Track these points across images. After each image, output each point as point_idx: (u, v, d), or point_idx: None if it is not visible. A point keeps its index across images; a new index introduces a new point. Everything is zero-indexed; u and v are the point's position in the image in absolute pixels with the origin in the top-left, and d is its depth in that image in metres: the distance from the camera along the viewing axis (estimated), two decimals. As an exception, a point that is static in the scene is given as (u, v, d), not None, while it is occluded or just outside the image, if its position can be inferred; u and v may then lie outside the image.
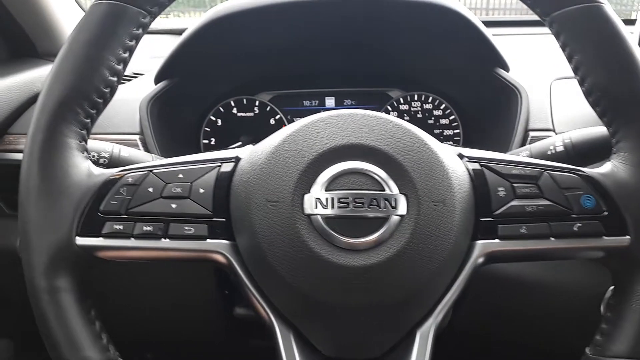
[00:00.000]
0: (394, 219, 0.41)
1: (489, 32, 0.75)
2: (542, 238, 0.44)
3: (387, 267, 0.40)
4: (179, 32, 0.97)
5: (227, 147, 0.88)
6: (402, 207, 0.41)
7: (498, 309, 0.74)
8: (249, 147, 0.47)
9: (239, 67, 0.84)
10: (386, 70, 0.90)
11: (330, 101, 0.92)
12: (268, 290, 0.43)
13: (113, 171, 0.45)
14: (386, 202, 0.41)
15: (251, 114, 0.89)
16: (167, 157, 0.70)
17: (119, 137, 0.72)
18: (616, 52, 0.44)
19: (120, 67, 0.45)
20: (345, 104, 0.92)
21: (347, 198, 0.41)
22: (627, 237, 0.43)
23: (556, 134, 0.73)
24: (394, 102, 0.90)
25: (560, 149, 0.58)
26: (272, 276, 0.42)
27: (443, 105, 0.89)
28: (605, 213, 0.43)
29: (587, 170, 0.45)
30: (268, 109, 0.89)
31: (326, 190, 0.41)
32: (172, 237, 0.43)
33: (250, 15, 0.71)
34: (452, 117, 0.89)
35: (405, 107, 0.90)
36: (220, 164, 0.45)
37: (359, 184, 0.41)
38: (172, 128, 0.80)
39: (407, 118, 0.90)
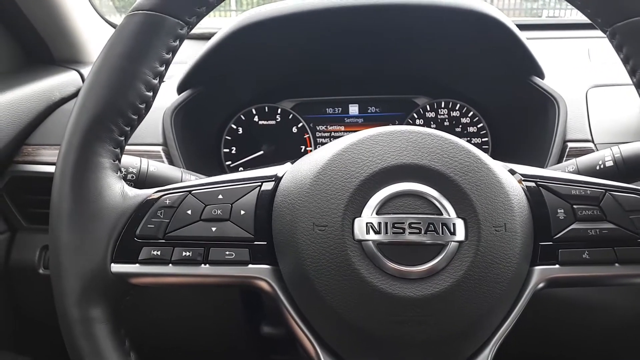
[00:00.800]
0: (452, 245, 0.38)
1: (525, 38, 0.72)
2: (606, 264, 0.41)
3: (444, 299, 0.37)
4: (203, 37, 0.95)
5: (248, 156, 0.85)
6: (461, 233, 0.38)
7: (553, 330, 0.71)
8: (288, 164, 0.45)
9: (262, 74, 0.82)
10: (412, 77, 0.87)
11: (354, 109, 0.89)
12: (313, 319, 0.40)
13: (149, 192, 0.42)
14: (444, 227, 0.38)
15: (273, 122, 0.87)
16: (190, 168, 0.67)
17: (141, 149, 0.69)
18: None
19: (156, 81, 0.42)
20: (369, 111, 0.89)
21: (403, 223, 0.38)
22: None
23: (595, 144, 0.70)
24: (420, 110, 0.87)
25: (609, 163, 0.55)
26: (319, 305, 0.39)
27: (471, 113, 0.87)
28: None
29: None
30: (290, 116, 0.87)
31: (377, 214, 0.39)
32: (212, 263, 0.40)
33: (276, 22, 0.69)
34: (480, 124, 0.87)
35: (432, 114, 0.87)
36: (260, 183, 0.43)
37: (414, 208, 0.39)
38: (193, 138, 0.78)
39: (433, 126, 0.87)
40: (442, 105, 0.87)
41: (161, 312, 0.78)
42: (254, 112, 0.86)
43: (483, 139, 0.87)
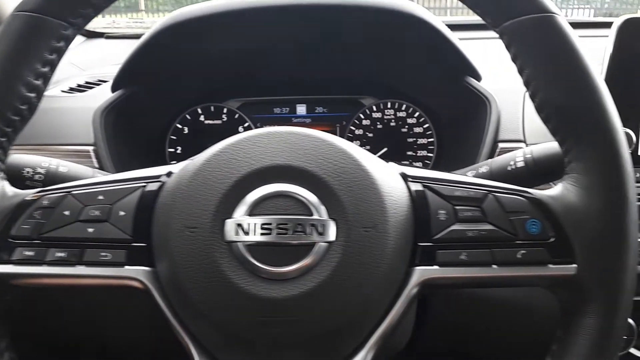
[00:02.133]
0: (322, 246, 0.38)
1: (457, 39, 0.72)
2: (483, 265, 0.41)
3: (310, 299, 0.38)
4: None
5: (194, 156, 0.85)
6: (331, 233, 0.38)
7: (463, 327, 0.71)
8: (180, 164, 0.45)
9: (204, 74, 0.82)
10: (358, 78, 0.87)
11: (301, 109, 0.89)
12: (188, 321, 0.40)
13: (29, 192, 0.42)
14: (313, 228, 0.38)
15: (219, 122, 0.87)
16: (126, 169, 0.67)
17: (71, 148, 0.70)
18: (568, 67, 0.41)
19: (39, 82, 0.43)
20: (316, 111, 0.89)
21: (270, 224, 0.38)
22: (574, 265, 0.40)
23: (526, 144, 0.70)
24: (367, 110, 0.87)
25: (520, 164, 0.54)
26: (191, 308, 0.39)
27: (417, 114, 0.86)
28: (552, 239, 0.40)
29: (536, 192, 0.42)
30: (236, 116, 0.87)
31: (250, 215, 0.39)
32: (88, 264, 0.40)
33: (208, 22, 0.69)
34: (426, 125, 0.86)
35: (378, 115, 0.87)
36: (145, 184, 0.43)
37: (285, 209, 0.39)
38: (134, 138, 0.78)
39: (380, 126, 0.87)
40: (389, 106, 0.87)
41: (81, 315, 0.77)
42: (200, 111, 0.86)
43: (429, 140, 0.87)
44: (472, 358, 0.76)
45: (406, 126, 0.87)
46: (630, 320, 0.65)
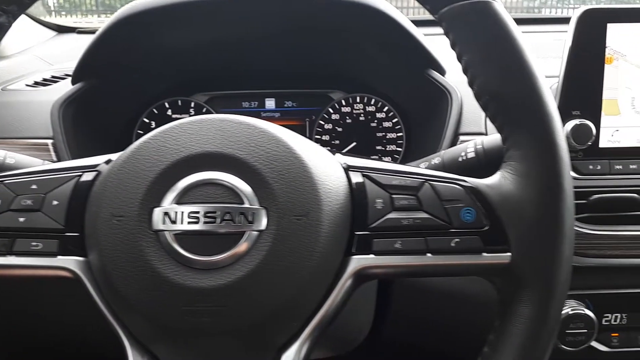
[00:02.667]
0: (252, 235, 0.38)
1: (418, 32, 0.71)
2: (417, 254, 0.40)
3: (238, 289, 0.37)
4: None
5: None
6: (261, 222, 0.38)
7: (425, 320, 0.71)
8: (119, 153, 0.45)
9: (169, 66, 0.81)
10: (327, 71, 0.87)
11: (270, 102, 0.89)
12: (120, 312, 0.40)
13: None
14: (242, 216, 0.38)
15: (186, 116, 0.86)
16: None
17: (30, 142, 0.69)
18: (505, 53, 0.41)
19: None
20: (286, 105, 0.89)
21: (198, 212, 0.38)
22: (508, 254, 0.40)
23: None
24: (336, 104, 0.87)
25: (471, 155, 0.54)
26: (120, 298, 0.39)
27: (386, 108, 0.86)
28: (486, 228, 0.40)
29: (472, 180, 0.42)
30: (204, 110, 0.86)
31: (178, 203, 0.38)
32: (18, 254, 0.40)
33: (164, 13, 0.69)
34: (395, 120, 0.86)
35: (347, 109, 0.87)
36: (80, 173, 0.42)
37: (214, 197, 0.38)
38: (98, 131, 0.77)
39: (349, 120, 0.87)
40: (358, 100, 0.87)
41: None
42: (167, 105, 0.86)
43: (398, 134, 0.86)
44: (435, 351, 0.75)
45: (375, 121, 0.87)
46: (590, 314, 0.65)
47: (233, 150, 0.39)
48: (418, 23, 0.75)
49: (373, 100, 0.86)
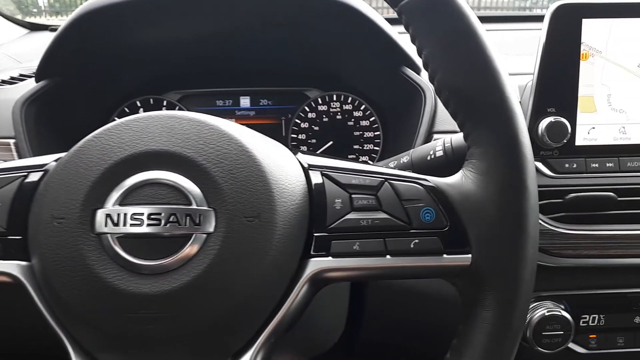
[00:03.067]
0: (199, 237, 0.36)
1: (392, 29, 0.70)
2: (376, 256, 0.39)
3: (186, 294, 0.35)
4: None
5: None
6: (209, 224, 0.36)
7: (398, 319, 0.69)
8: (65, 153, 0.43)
9: (139, 64, 0.79)
10: (303, 69, 0.85)
11: (245, 101, 0.87)
12: (63, 319, 0.38)
13: None
14: (189, 218, 0.36)
15: None
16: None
17: (-8, 141, 0.67)
18: (466, 47, 0.39)
19: None
20: (261, 104, 0.87)
21: (142, 214, 0.36)
22: (469, 255, 0.38)
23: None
24: (312, 103, 0.85)
25: (439, 153, 0.53)
26: (63, 305, 0.37)
27: (363, 107, 0.85)
28: (446, 228, 0.39)
29: (433, 179, 0.40)
30: (177, 108, 0.84)
31: (121, 205, 0.36)
32: None
33: (130, 8, 0.66)
34: (372, 118, 0.84)
35: (324, 107, 0.85)
36: (26, 173, 0.40)
37: (159, 198, 0.37)
38: (65, 131, 0.75)
39: (326, 119, 0.85)
40: (334, 99, 0.85)
41: None
42: (139, 104, 0.84)
43: (375, 133, 0.85)
44: (410, 352, 0.74)
45: (352, 119, 0.85)
46: (567, 315, 0.64)
47: (180, 149, 0.38)
48: (393, 21, 0.73)
49: (350, 99, 0.84)
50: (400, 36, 0.72)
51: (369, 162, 0.60)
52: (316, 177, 0.41)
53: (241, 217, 0.36)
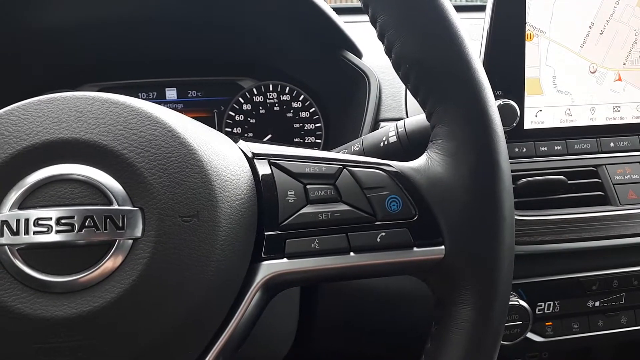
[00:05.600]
0: (124, 244, 0.29)
1: (334, 13, 0.65)
2: (339, 253, 0.34)
3: (109, 315, 0.28)
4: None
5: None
6: (136, 227, 0.29)
7: (354, 322, 0.64)
8: None
9: (46, 53, 0.69)
10: (235, 57, 0.78)
11: (171, 93, 0.79)
12: None
13: None
14: (109, 220, 0.29)
15: None
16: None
17: None
18: (424, 14, 0.35)
19: None
20: (189, 96, 0.80)
21: (50, 218, 0.28)
22: (442, 247, 0.34)
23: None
24: (246, 93, 0.79)
25: (393, 139, 0.48)
26: None
27: (302, 97, 0.79)
28: (415, 218, 0.34)
29: (396, 164, 0.36)
30: (93, 103, 0.75)
31: (21, 208, 0.29)
32: None
33: None
34: (313, 109, 0.79)
35: (260, 98, 0.79)
36: None
37: (70, 198, 0.29)
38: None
39: (262, 111, 0.79)
40: (270, 89, 0.79)
41: None
42: (49, 99, 0.74)
43: (316, 124, 0.80)
44: (370, 357, 0.70)
45: (291, 110, 0.79)
46: (525, 304, 0.61)
47: (94, 136, 0.30)
48: (339, 11, 0.69)
49: (287, 89, 0.79)
50: (341, 19, 0.67)
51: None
52: (263, 168, 0.35)
53: (175, 217, 0.30)
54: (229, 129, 0.78)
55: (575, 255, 0.61)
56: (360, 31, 0.71)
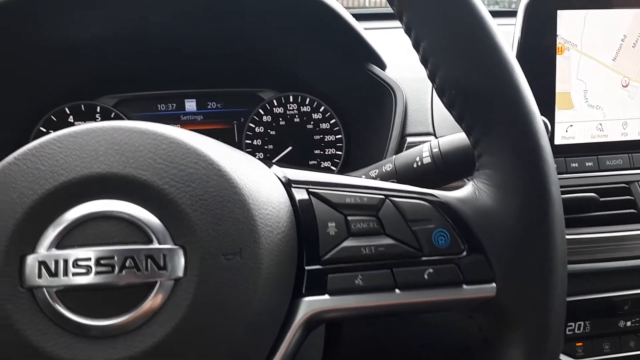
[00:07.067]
0: (165, 285, 0.28)
1: (357, 23, 0.64)
2: (384, 291, 0.32)
3: (151, 358, 0.27)
4: None
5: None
6: (177, 267, 0.28)
7: (382, 347, 0.63)
8: None
9: (65, 64, 0.68)
10: (256, 68, 0.77)
11: (191, 104, 0.78)
12: None
13: None
14: (150, 260, 0.28)
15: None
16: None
17: None
18: (473, 38, 0.33)
19: None
20: (209, 107, 0.78)
21: (89, 259, 0.27)
22: (493, 284, 0.32)
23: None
24: (267, 105, 0.78)
25: (427, 160, 0.47)
26: None
27: (322, 108, 0.78)
28: (464, 253, 0.33)
29: (441, 194, 0.34)
30: (112, 115, 0.74)
31: (59, 248, 0.28)
32: None
33: (40, 4, 0.56)
34: (333, 120, 0.78)
35: (280, 109, 0.78)
36: None
37: (109, 237, 0.28)
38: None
39: (282, 122, 0.78)
40: (291, 100, 0.78)
41: None
42: (68, 111, 0.73)
43: (337, 136, 0.78)
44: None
45: (312, 122, 0.78)
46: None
47: (132, 170, 0.29)
48: (357, 17, 0.67)
49: (308, 100, 0.78)
50: (366, 32, 0.66)
51: (351, 170, 0.53)
52: (301, 196, 0.34)
53: (218, 255, 0.29)
54: (249, 141, 0.77)
55: (607, 274, 0.60)
56: (381, 38, 0.70)
